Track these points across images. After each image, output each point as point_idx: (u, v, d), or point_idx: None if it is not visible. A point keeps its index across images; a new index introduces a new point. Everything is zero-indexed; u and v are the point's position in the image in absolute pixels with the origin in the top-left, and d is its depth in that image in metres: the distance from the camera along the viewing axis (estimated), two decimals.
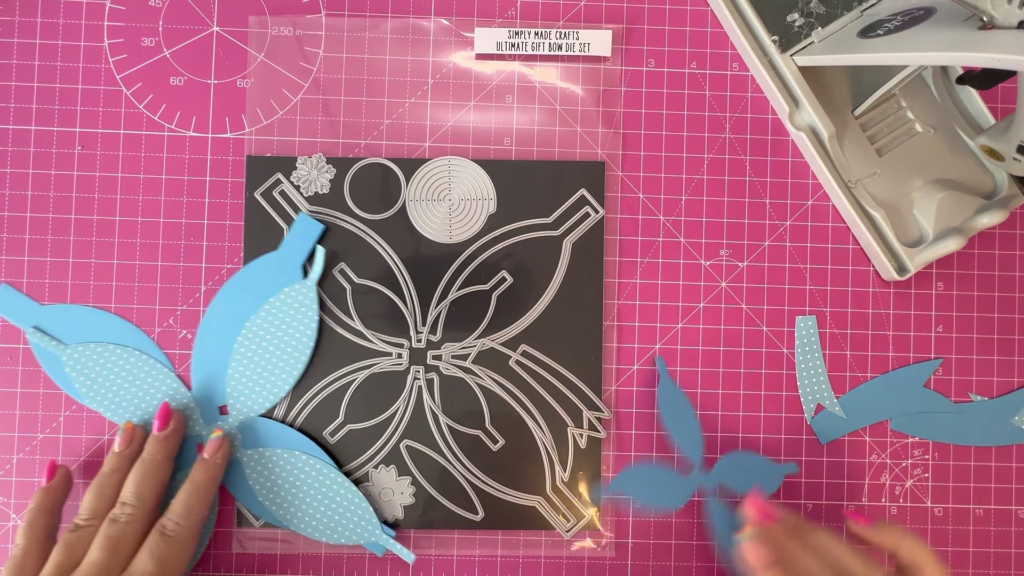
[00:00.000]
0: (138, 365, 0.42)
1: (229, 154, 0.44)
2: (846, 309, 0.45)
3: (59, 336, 0.42)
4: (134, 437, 0.40)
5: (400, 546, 0.42)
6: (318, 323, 0.43)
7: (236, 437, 0.42)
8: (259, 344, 0.42)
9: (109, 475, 0.39)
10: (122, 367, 0.42)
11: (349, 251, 0.44)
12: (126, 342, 0.43)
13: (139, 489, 0.38)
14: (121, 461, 0.40)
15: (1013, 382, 0.46)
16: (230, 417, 0.43)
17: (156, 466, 0.39)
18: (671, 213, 0.45)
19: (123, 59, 0.44)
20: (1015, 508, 0.45)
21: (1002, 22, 0.33)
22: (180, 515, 0.38)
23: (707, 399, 0.45)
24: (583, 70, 0.45)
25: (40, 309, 0.43)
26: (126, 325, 0.43)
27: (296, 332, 0.42)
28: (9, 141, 0.43)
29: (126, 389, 0.42)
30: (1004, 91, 0.46)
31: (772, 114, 0.45)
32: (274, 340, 0.42)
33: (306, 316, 0.42)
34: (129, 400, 0.42)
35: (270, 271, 0.43)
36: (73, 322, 0.43)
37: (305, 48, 0.44)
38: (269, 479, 0.42)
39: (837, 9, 0.43)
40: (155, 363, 0.43)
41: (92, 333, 0.43)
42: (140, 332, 0.43)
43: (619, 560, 0.44)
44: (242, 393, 0.43)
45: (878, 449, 0.45)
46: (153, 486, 0.39)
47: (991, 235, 0.46)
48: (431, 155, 0.44)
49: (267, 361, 0.43)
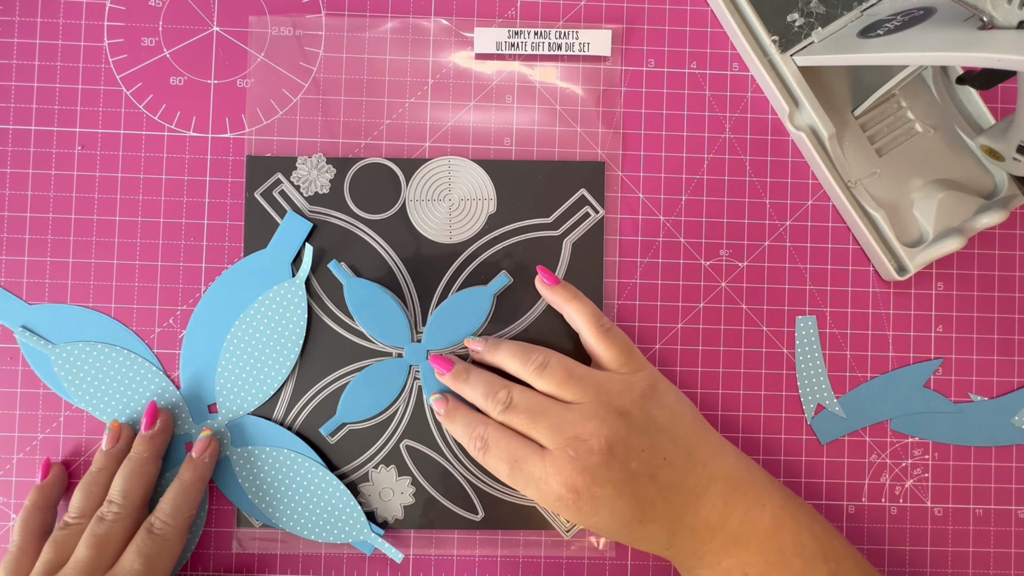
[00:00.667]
0: (126, 364, 0.42)
1: (229, 154, 0.44)
2: (846, 309, 0.45)
3: (47, 335, 0.43)
4: (121, 435, 0.41)
5: (388, 544, 0.42)
6: (307, 321, 0.43)
7: (226, 435, 0.43)
8: (248, 342, 0.42)
9: (97, 474, 0.40)
10: (110, 366, 0.42)
11: (349, 251, 0.44)
12: (115, 341, 0.43)
13: (126, 488, 0.39)
14: (108, 460, 0.40)
15: (1013, 382, 0.46)
16: (219, 415, 0.43)
17: (143, 465, 0.40)
18: (671, 213, 0.45)
19: (123, 59, 0.44)
20: (1015, 508, 0.45)
21: (1002, 22, 0.33)
22: (168, 514, 0.39)
23: (707, 399, 0.45)
24: (583, 70, 0.45)
25: (28, 309, 0.43)
26: (115, 324, 0.43)
27: (285, 330, 0.43)
28: (9, 141, 0.43)
29: (115, 388, 0.42)
30: (1004, 91, 0.46)
31: (772, 114, 0.45)
32: (263, 338, 0.43)
33: (295, 314, 0.43)
34: (118, 399, 0.42)
35: (259, 269, 0.43)
36: (62, 321, 0.43)
37: (305, 48, 0.44)
38: (259, 477, 0.42)
39: (837, 9, 0.43)
40: (143, 362, 0.43)
41: (81, 332, 0.43)
42: (129, 331, 0.43)
43: (619, 560, 0.44)
44: (231, 391, 0.43)
45: (878, 449, 0.45)
46: (140, 484, 0.39)
47: (991, 235, 0.46)
48: (431, 155, 0.44)
49: (256, 359, 0.43)
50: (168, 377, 0.43)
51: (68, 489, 0.42)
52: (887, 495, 0.45)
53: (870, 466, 0.45)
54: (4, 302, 0.43)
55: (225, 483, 0.43)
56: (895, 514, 0.45)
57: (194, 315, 0.43)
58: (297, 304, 0.43)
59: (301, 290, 0.43)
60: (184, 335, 0.43)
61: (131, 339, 0.43)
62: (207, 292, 0.43)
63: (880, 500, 0.45)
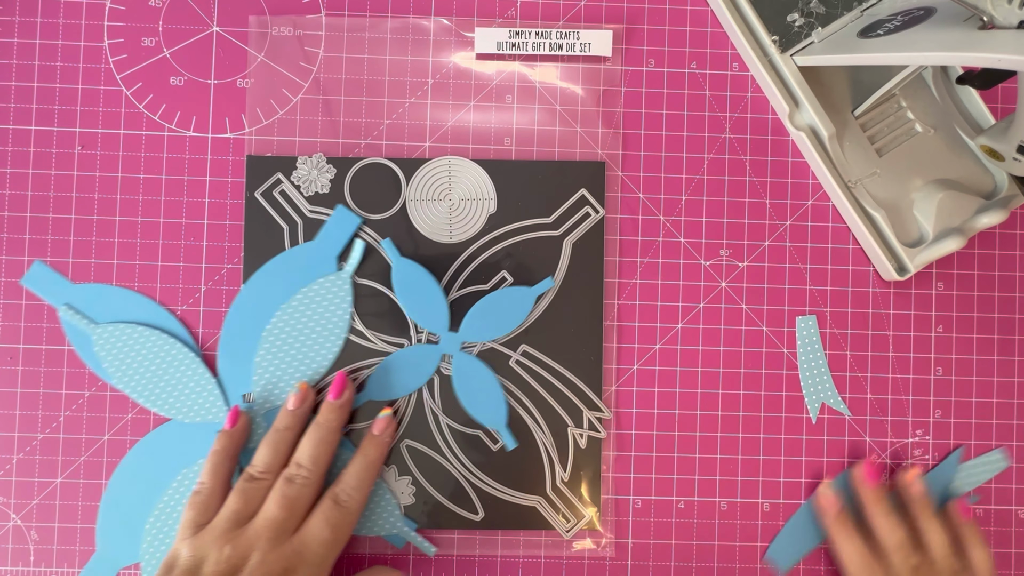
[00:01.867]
0: (165, 348, 0.42)
1: (229, 154, 0.44)
2: (846, 309, 0.45)
3: (90, 315, 0.43)
4: (306, 398, 0.41)
5: (421, 538, 0.43)
6: (350, 316, 0.43)
7: (260, 425, 0.42)
8: (289, 333, 0.43)
9: (283, 431, 0.40)
10: (150, 348, 0.42)
11: (349, 251, 0.43)
12: (154, 323, 0.43)
13: (315, 453, 0.40)
14: (294, 420, 0.41)
15: (1013, 382, 0.46)
16: (255, 404, 0.43)
17: (331, 433, 0.40)
18: (671, 213, 0.45)
19: (123, 59, 0.44)
20: (1015, 508, 0.45)
21: (1002, 22, 0.34)
22: (353, 487, 0.40)
23: (707, 399, 0.45)
24: (583, 70, 0.45)
25: (72, 287, 0.43)
26: (155, 306, 0.43)
27: (328, 323, 0.43)
28: (9, 141, 0.43)
29: (152, 371, 0.42)
30: (1004, 91, 0.46)
31: (772, 114, 0.45)
32: (304, 330, 0.43)
33: (339, 308, 0.43)
34: (155, 382, 0.42)
35: (304, 261, 0.43)
36: (104, 302, 0.43)
37: (305, 48, 0.44)
38: None
39: (837, 9, 0.43)
40: (181, 346, 0.43)
41: (122, 313, 0.43)
42: (168, 314, 0.43)
43: (619, 560, 0.44)
44: (268, 381, 0.43)
45: (878, 449, 0.45)
46: (327, 452, 0.40)
47: (991, 235, 0.46)
48: (431, 155, 0.44)
49: (296, 351, 0.43)
50: (205, 364, 0.43)
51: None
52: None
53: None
54: (48, 280, 0.43)
55: None
56: None
57: (234, 304, 0.43)
58: (343, 298, 0.43)
59: (348, 283, 0.43)
60: (224, 323, 0.43)
61: (171, 322, 0.43)
62: (249, 280, 0.43)
63: None
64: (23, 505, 0.43)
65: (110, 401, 0.43)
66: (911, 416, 0.45)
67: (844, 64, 0.40)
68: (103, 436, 0.43)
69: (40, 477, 0.43)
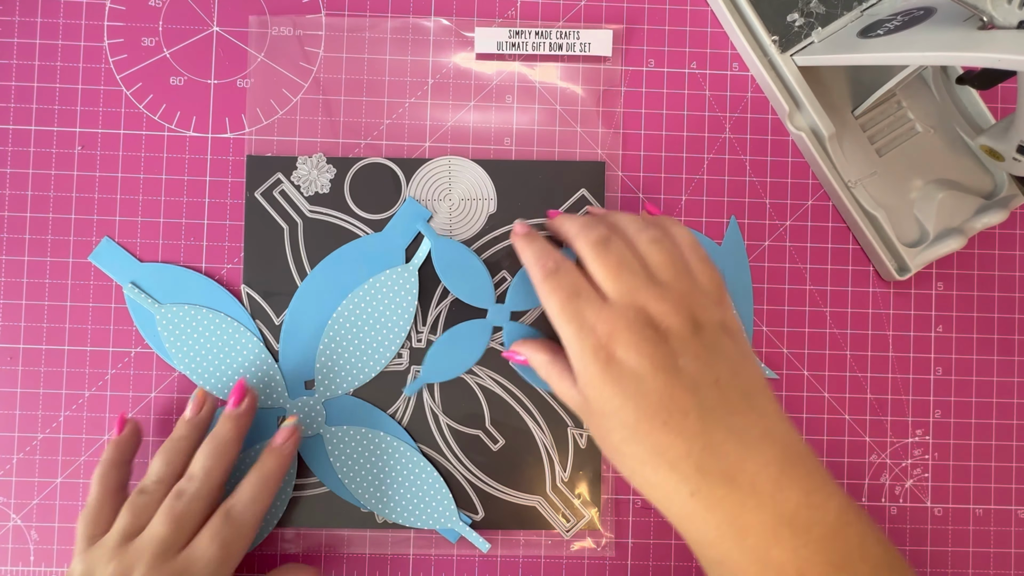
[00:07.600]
0: (228, 331, 0.42)
1: (229, 154, 0.44)
2: (846, 309, 0.45)
3: (154, 295, 0.43)
4: (204, 405, 0.40)
5: (476, 534, 0.43)
6: (415, 308, 0.43)
7: (320, 414, 0.42)
8: (354, 323, 0.42)
9: (178, 441, 0.39)
10: (212, 331, 0.42)
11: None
12: (218, 306, 0.43)
13: (208, 466, 0.38)
14: (190, 429, 0.40)
15: (1013, 382, 0.46)
16: (316, 393, 0.43)
17: (226, 444, 0.39)
18: (671, 213, 0.45)
19: (123, 59, 0.44)
20: (1015, 508, 0.45)
21: (1002, 22, 0.34)
22: (247, 501, 0.38)
23: None
24: (583, 70, 0.45)
25: (139, 266, 0.43)
26: (219, 290, 0.43)
27: (393, 315, 0.43)
28: (9, 141, 0.43)
29: (214, 354, 0.42)
30: (1004, 91, 0.46)
31: (772, 114, 0.45)
32: (370, 320, 0.43)
33: (405, 299, 0.43)
34: (216, 365, 0.42)
35: (373, 252, 0.43)
36: (169, 282, 0.43)
37: (305, 48, 0.44)
38: (351, 458, 0.42)
39: (837, 9, 0.43)
40: (245, 331, 0.43)
41: (186, 295, 0.43)
42: (233, 298, 0.43)
43: (619, 560, 0.44)
44: (331, 370, 0.43)
45: (878, 449, 0.45)
46: (222, 464, 0.39)
47: (991, 235, 0.46)
48: (431, 155, 0.44)
49: (360, 340, 0.43)
50: (268, 349, 0.43)
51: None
52: (887, 495, 0.45)
53: (870, 466, 0.45)
54: (116, 257, 0.43)
55: (316, 461, 0.42)
56: (895, 514, 0.45)
57: (298, 292, 0.43)
58: (408, 290, 0.43)
59: (414, 276, 0.43)
60: (287, 311, 0.43)
61: (235, 306, 0.43)
62: (315, 270, 0.43)
63: (880, 500, 0.45)
64: (23, 505, 0.43)
65: (110, 401, 0.43)
66: (911, 416, 0.45)
67: (844, 64, 0.40)
68: (103, 436, 0.43)
69: (40, 477, 0.43)
